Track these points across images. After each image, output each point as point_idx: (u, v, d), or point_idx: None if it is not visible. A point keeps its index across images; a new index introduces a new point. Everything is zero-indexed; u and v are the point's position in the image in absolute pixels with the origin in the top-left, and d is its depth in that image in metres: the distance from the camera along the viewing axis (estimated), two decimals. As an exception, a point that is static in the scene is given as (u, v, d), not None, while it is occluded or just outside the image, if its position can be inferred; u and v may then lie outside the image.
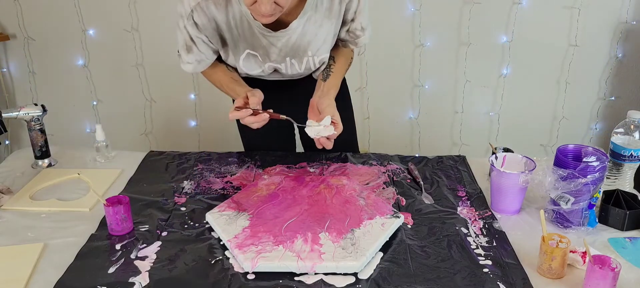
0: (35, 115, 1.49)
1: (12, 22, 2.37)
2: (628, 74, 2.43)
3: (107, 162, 1.56)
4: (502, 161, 1.32)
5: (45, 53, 2.44)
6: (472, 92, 2.47)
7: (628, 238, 1.18)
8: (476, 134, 2.56)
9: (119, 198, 1.20)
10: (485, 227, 1.22)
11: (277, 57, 1.35)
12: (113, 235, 1.17)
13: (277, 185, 1.34)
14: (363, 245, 1.09)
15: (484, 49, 2.39)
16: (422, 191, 1.38)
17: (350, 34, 1.38)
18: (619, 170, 1.36)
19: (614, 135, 1.36)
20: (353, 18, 1.34)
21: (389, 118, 2.54)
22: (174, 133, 2.59)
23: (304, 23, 1.29)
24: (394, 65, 2.43)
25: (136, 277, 1.03)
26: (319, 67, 1.43)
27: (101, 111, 2.54)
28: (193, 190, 1.38)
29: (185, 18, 1.25)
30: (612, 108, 2.50)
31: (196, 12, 1.24)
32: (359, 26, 1.36)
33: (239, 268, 1.06)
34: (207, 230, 1.20)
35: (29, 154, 1.55)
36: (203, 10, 1.24)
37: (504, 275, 1.05)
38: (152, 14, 2.35)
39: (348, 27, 1.36)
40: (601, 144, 2.54)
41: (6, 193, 1.35)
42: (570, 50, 2.38)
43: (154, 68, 2.47)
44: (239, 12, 1.26)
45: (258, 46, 1.32)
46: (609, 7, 2.32)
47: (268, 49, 1.32)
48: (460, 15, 2.33)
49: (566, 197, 1.18)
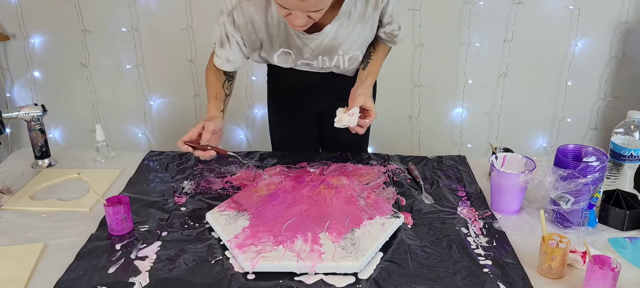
0: (35, 115, 1.49)
1: (12, 22, 2.37)
2: (628, 74, 2.43)
3: (107, 162, 1.56)
4: (502, 161, 1.32)
5: (45, 53, 2.44)
6: (472, 92, 2.47)
7: (628, 238, 1.18)
8: (476, 134, 2.55)
9: (119, 198, 1.20)
10: (485, 227, 1.22)
11: (309, 56, 1.39)
12: (113, 235, 1.17)
13: (277, 185, 1.34)
14: (363, 245, 1.09)
15: (483, 49, 2.38)
16: (422, 191, 1.38)
17: (388, 35, 1.42)
18: (619, 170, 1.36)
19: (614, 135, 1.36)
20: (390, 21, 1.37)
21: (389, 118, 2.54)
22: (174, 133, 2.59)
23: (337, 27, 1.33)
24: (394, 65, 2.42)
25: (136, 277, 1.03)
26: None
27: (101, 111, 2.54)
28: (193, 190, 1.38)
29: (225, 14, 1.29)
30: (612, 108, 2.50)
31: (236, 11, 1.28)
32: (396, 27, 1.40)
33: (239, 268, 1.06)
34: (207, 230, 1.20)
35: (29, 154, 1.55)
36: (242, 11, 1.28)
37: (504, 275, 1.05)
38: (152, 14, 2.35)
39: (385, 29, 1.40)
40: (601, 144, 2.54)
41: (6, 193, 1.35)
42: (570, 50, 2.38)
43: (154, 68, 2.46)
44: (276, 13, 1.29)
45: (293, 45, 1.36)
46: (609, 7, 2.32)
47: (302, 48, 1.36)
48: (460, 15, 2.33)
49: (566, 197, 1.18)
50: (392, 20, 1.37)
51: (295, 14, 1.14)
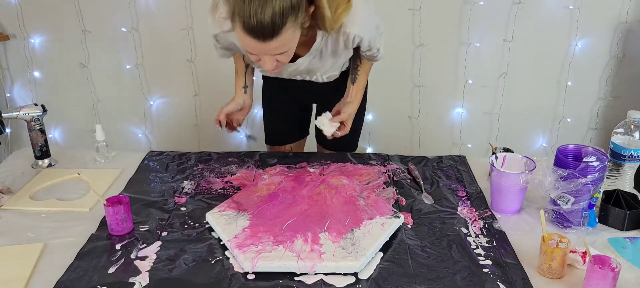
0: (35, 115, 1.49)
1: (12, 22, 2.37)
2: (628, 74, 2.43)
3: (107, 162, 1.56)
4: (502, 161, 1.32)
5: (45, 53, 2.44)
6: (472, 92, 2.47)
7: (628, 238, 1.18)
8: (476, 134, 2.55)
9: (119, 198, 1.20)
10: (485, 227, 1.22)
11: (288, 75, 1.48)
12: (113, 235, 1.17)
13: (277, 185, 1.34)
14: (363, 245, 1.09)
15: (483, 49, 2.38)
16: (422, 191, 1.38)
17: (368, 56, 1.44)
18: (619, 170, 1.36)
19: (614, 135, 1.36)
20: (369, 48, 1.38)
21: (389, 118, 2.54)
22: (174, 133, 2.59)
23: (310, 60, 1.37)
24: (394, 65, 2.42)
25: (136, 277, 1.03)
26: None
27: (101, 111, 2.54)
28: (193, 190, 1.38)
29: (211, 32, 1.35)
30: (612, 108, 2.50)
31: (219, 36, 1.35)
32: (375, 51, 1.41)
33: (239, 268, 1.06)
34: (207, 230, 1.20)
35: (29, 154, 1.55)
36: (224, 37, 1.34)
37: (504, 275, 1.05)
38: (152, 14, 2.35)
39: (364, 53, 1.42)
40: (601, 144, 2.54)
41: (6, 193, 1.35)
42: (570, 50, 2.38)
43: (154, 68, 2.46)
44: None
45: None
46: (609, 7, 2.32)
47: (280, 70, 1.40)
48: (460, 15, 2.33)
49: (566, 197, 1.18)
50: (371, 47, 1.38)
51: (264, 59, 1.17)
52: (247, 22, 1.08)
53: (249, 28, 1.08)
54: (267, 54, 1.16)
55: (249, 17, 1.07)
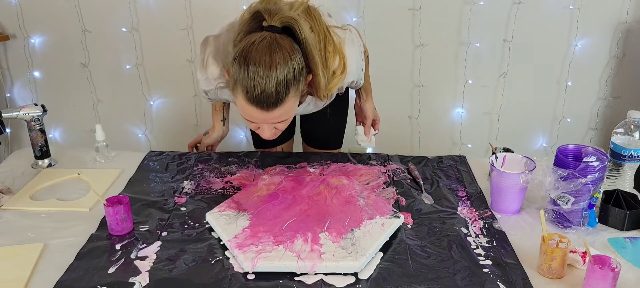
0: (35, 115, 1.49)
1: (12, 22, 2.37)
2: (628, 74, 2.43)
3: (107, 162, 1.56)
4: (502, 161, 1.32)
5: (45, 53, 2.44)
6: (472, 92, 2.47)
7: (628, 238, 1.18)
8: (476, 134, 2.55)
9: (119, 198, 1.20)
10: (485, 227, 1.22)
11: None
12: (113, 235, 1.17)
13: (277, 185, 1.34)
14: (363, 245, 1.09)
15: (483, 49, 2.38)
16: (422, 191, 1.38)
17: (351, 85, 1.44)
18: (619, 170, 1.36)
19: (614, 135, 1.36)
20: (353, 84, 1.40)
21: (389, 118, 2.53)
22: (174, 133, 2.59)
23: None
24: (394, 65, 2.42)
25: (136, 277, 1.03)
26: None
27: (101, 111, 2.54)
28: (193, 190, 1.38)
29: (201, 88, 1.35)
30: (612, 108, 2.50)
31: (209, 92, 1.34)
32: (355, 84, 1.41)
33: (239, 268, 1.06)
34: (207, 230, 1.20)
35: (29, 154, 1.55)
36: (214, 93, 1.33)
37: (504, 275, 1.05)
38: (152, 14, 2.35)
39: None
40: (601, 144, 2.54)
41: (6, 193, 1.35)
42: (570, 50, 2.38)
43: (154, 68, 2.46)
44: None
45: None
46: (609, 7, 2.32)
47: None
48: (460, 15, 2.33)
49: (566, 197, 1.18)
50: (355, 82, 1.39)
51: (263, 127, 1.17)
52: (251, 92, 1.07)
53: (253, 98, 1.08)
54: (268, 122, 1.16)
55: (252, 86, 1.06)
